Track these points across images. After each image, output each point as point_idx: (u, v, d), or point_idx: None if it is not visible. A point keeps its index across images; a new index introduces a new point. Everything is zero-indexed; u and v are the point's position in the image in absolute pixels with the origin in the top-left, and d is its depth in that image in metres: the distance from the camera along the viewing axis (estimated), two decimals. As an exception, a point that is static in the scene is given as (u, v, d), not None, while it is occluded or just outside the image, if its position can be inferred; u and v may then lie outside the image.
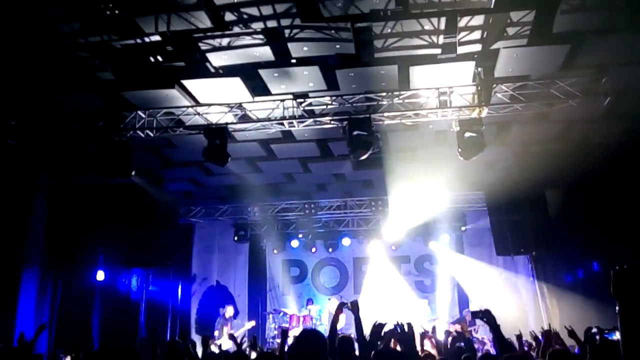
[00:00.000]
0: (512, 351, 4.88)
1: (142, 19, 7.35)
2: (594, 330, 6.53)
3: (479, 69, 8.83)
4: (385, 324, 4.46)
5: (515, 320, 12.22)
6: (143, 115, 10.00)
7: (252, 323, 14.40)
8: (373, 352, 3.96)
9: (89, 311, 13.34)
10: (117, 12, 7.27)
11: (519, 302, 15.06)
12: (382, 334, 4.44)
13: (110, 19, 7.12)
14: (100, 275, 13.79)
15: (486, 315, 4.61)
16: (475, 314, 4.72)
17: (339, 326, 12.77)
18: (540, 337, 7.62)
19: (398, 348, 4.67)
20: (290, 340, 7.23)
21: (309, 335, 3.47)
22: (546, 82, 9.10)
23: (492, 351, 6.67)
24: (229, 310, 13.81)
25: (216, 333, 13.02)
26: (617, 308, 2.09)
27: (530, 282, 15.10)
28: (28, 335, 7.10)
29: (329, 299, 15.18)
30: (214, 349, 11.72)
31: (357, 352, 4.62)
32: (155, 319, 14.39)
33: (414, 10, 7.19)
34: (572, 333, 6.44)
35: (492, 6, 7.06)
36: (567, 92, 9.11)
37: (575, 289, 13.04)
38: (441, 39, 7.87)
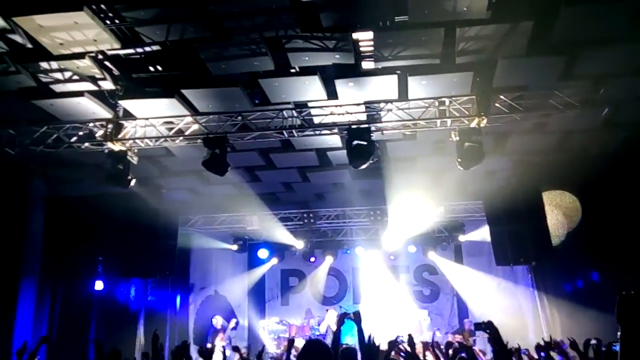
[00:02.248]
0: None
1: (142, 29, 7.38)
2: (593, 341, 6.50)
3: (478, 79, 8.86)
4: (400, 341, 4.46)
5: (514, 331, 12.19)
6: (142, 125, 10.00)
7: (234, 321, 14.53)
8: None
9: (87, 321, 13.25)
10: (117, 21, 7.32)
11: (519, 312, 15.04)
12: (387, 345, 4.42)
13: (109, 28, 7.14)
14: (99, 285, 13.73)
15: (489, 327, 4.60)
16: (478, 326, 4.71)
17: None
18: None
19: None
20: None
21: (315, 345, 3.46)
22: (544, 92, 9.14)
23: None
24: (218, 320, 14.09)
25: (209, 345, 12.88)
26: (618, 332, 2.12)
27: (530, 292, 15.08)
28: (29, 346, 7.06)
29: (327, 310, 15.13)
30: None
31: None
32: (154, 329, 14.33)
33: (414, 20, 7.23)
34: (573, 344, 6.43)
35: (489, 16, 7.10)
36: (565, 103, 9.15)
37: (575, 299, 13.00)
38: (440, 50, 7.89)
